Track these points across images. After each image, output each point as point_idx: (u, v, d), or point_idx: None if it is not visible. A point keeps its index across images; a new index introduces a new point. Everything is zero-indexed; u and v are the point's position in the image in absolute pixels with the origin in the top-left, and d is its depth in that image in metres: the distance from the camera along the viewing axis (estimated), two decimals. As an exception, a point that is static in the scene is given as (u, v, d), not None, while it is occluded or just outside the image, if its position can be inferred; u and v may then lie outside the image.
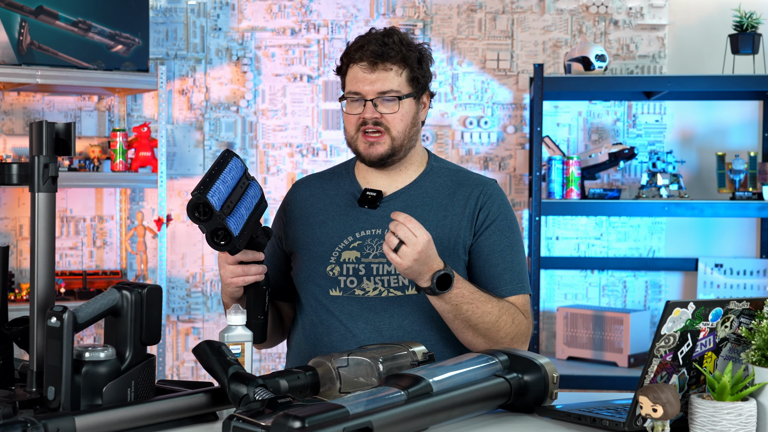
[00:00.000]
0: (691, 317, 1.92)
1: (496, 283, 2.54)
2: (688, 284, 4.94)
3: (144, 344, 2.00)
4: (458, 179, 2.65)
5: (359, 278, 2.54)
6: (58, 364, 1.86)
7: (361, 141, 2.57)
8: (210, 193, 2.21)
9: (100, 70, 4.43)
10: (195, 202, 2.21)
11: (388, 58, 2.54)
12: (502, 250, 2.56)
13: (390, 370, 2.11)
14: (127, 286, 2.00)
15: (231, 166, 2.32)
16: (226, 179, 2.28)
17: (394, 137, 2.56)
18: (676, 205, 4.48)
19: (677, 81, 4.49)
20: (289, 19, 4.94)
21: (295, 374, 2.09)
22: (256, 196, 2.38)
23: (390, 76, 2.55)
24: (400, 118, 2.56)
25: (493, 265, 2.55)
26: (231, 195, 2.28)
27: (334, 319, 2.55)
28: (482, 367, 2.10)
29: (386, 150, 2.56)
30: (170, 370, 4.90)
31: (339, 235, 2.59)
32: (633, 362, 4.49)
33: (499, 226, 2.58)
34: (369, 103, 2.54)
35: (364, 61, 2.54)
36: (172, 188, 4.89)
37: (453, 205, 2.59)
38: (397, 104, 2.55)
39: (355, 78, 2.56)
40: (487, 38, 4.95)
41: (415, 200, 2.61)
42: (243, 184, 2.35)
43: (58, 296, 4.45)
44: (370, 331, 2.52)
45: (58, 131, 2.00)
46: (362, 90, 2.54)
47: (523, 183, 4.96)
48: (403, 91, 2.56)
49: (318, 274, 2.58)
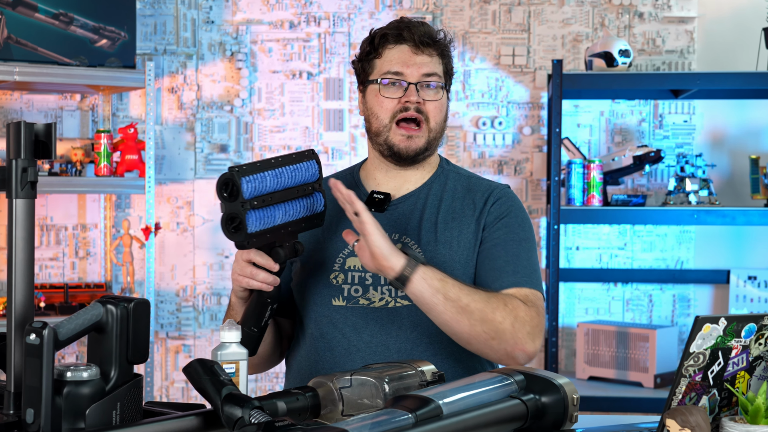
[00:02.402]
0: (723, 334, 1.91)
1: (495, 275, 2.49)
2: (719, 298, 4.94)
3: (130, 363, 2.00)
4: (469, 184, 2.66)
5: (365, 287, 2.54)
6: (37, 385, 1.86)
7: (396, 133, 2.56)
8: (247, 178, 2.22)
9: (82, 67, 4.43)
10: (227, 178, 2.23)
11: (434, 44, 2.57)
12: (506, 244, 2.53)
13: (396, 390, 2.11)
14: (112, 300, 2.00)
15: (299, 167, 2.32)
16: (280, 174, 2.28)
17: (432, 129, 2.57)
18: (706, 213, 4.48)
19: (707, 78, 4.50)
20: (287, 11, 4.95)
21: (293, 395, 2.09)
22: (309, 209, 2.38)
23: (434, 62, 2.57)
24: (440, 109, 2.58)
25: (495, 258, 2.52)
26: (275, 192, 2.29)
27: (336, 332, 2.55)
28: (496, 387, 2.09)
29: (423, 144, 2.57)
30: (159, 391, 4.90)
31: (344, 241, 2.58)
32: (659, 382, 4.48)
33: (507, 222, 2.56)
34: (412, 87, 2.54)
35: (410, 42, 2.56)
36: (160, 194, 4.90)
37: (463, 208, 2.59)
38: (441, 92, 2.57)
39: (398, 59, 2.56)
40: (502, 32, 4.96)
41: (424, 203, 2.61)
42: (302, 190, 2.35)
43: (37, 311, 4.45)
44: (376, 344, 2.51)
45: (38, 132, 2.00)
46: (406, 71, 2.55)
47: (541, 189, 4.96)
48: (443, 80, 2.59)
49: (320, 282, 2.58)
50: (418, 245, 2.55)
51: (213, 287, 4.94)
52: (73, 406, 1.91)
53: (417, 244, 2.55)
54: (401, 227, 2.58)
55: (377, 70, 2.59)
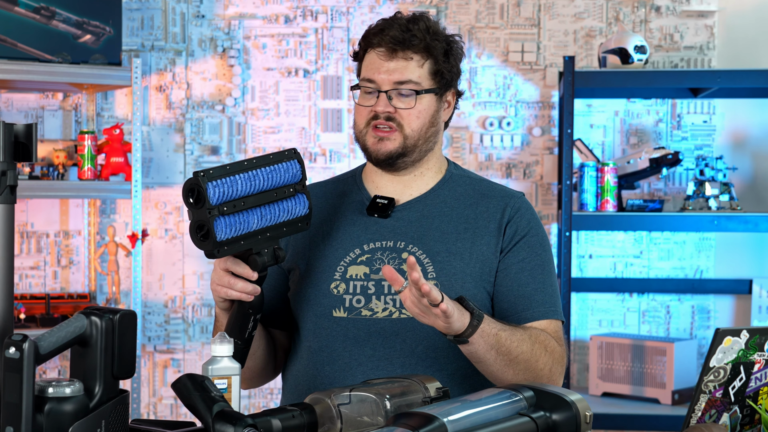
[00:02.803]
0: (745, 347, 1.91)
1: (526, 304, 2.54)
2: (740, 309, 4.94)
3: (116, 378, 2.00)
4: (481, 189, 2.66)
5: (367, 297, 2.54)
6: (17, 401, 1.86)
7: (369, 135, 2.58)
8: (214, 182, 2.20)
9: (65, 64, 4.44)
10: (191, 185, 2.21)
11: (409, 46, 2.56)
12: (533, 269, 2.57)
13: (398, 407, 2.11)
14: (97, 311, 2.00)
15: (277, 168, 2.31)
16: (254, 177, 2.26)
17: (407, 135, 2.57)
18: (727, 219, 4.48)
19: (728, 76, 4.50)
20: (282, 5, 4.96)
21: (289, 412, 2.08)
22: (290, 212, 2.36)
23: (410, 66, 2.57)
24: (416, 115, 2.57)
25: (523, 284, 2.55)
26: (248, 196, 2.27)
27: (337, 345, 2.54)
28: (505, 404, 2.09)
29: (396, 147, 2.57)
30: (146, 408, 4.91)
31: (345, 248, 2.59)
32: (677, 399, 4.48)
33: (529, 242, 2.59)
34: (383, 95, 2.56)
35: (382, 47, 2.56)
36: (148, 199, 4.90)
37: (476, 217, 2.60)
38: (414, 99, 2.57)
39: (371, 65, 2.58)
40: (510, 27, 4.96)
41: (432, 210, 2.61)
42: (281, 192, 2.34)
43: (17, 323, 4.45)
44: (379, 358, 2.51)
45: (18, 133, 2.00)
46: (377, 79, 2.56)
47: (552, 193, 4.96)
48: (424, 84, 2.58)
49: (320, 292, 2.57)
50: (426, 255, 2.55)
51: (203, 298, 4.94)
52: (55, 423, 1.91)
53: (426, 254, 2.55)
54: (407, 235, 2.58)
55: (360, 75, 2.63)
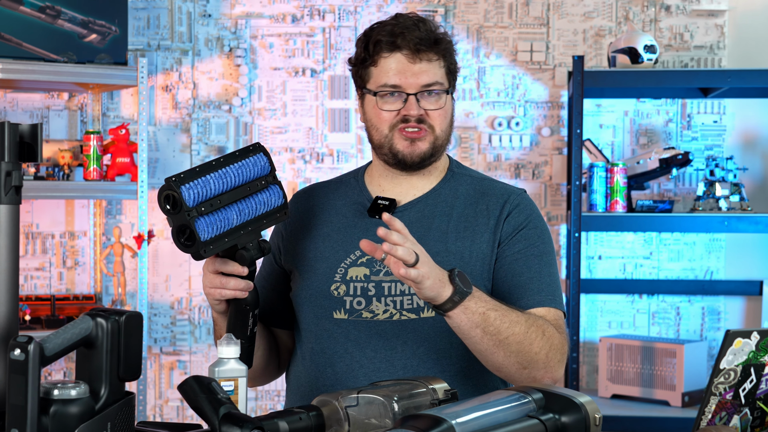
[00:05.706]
0: (755, 349, 1.91)
1: (520, 293, 2.52)
2: (751, 310, 4.93)
3: (122, 380, 2.00)
4: (482, 188, 2.66)
5: (368, 299, 2.54)
6: (22, 404, 1.86)
7: (399, 139, 2.57)
8: (187, 185, 2.22)
9: (71, 63, 4.44)
10: (165, 192, 2.24)
11: (433, 47, 2.56)
12: (528, 259, 2.56)
13: (406, 409, 2.11)
14: (103, 312, 2.00)
15: (245, 163, 2.33)
16: (225, 174, 2.28)
17: (438, 136, 2.58)
18: (738, 219, 4.48)
19: (739, 75, 4.49)
20: (289, 4, 4.96)
21: (296, 414, 2.08)
22: (267, 204, 2.38)
23: (434, 68, 2.57)
24: (444, 115, 2.59)
25: (517, 274, 2.55)
26: (223, 194, 2.28)
27: (338, 347, 2.55)
28: (513, 406, 2.09)
29: (428, 148, 2.57)
30: (152, 410, 4.91)
31: (345, 250, 2.59)
32: (687, 401, 4.48)
33: (526, 234, 2.58)
34: (412, 98, 2.55)
35: (406, 50, 2.56)
36: (154, 200, 4.90)
37: (476, 215, 2.60)
38: (443, 99, 2.57)
39: (395, 69, 2.56)
40: (519, 26, 4.96)
41: (432, 210, 2.62)
42: (254, 186, 2.35)
43: (22, 324, 4.46)
44: (380, 360, 2.52)
45: (23, 133, 2.01)
46: (404, 83, 2.55)
47: (561, 194, 4.96)
48: (445, 84, 2.59)
49: (321, 293, 2.58)
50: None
51: (210, 299, 4.93)
52: (60, 426, 1.91)
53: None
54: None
55: (373, 80, 2.61)
